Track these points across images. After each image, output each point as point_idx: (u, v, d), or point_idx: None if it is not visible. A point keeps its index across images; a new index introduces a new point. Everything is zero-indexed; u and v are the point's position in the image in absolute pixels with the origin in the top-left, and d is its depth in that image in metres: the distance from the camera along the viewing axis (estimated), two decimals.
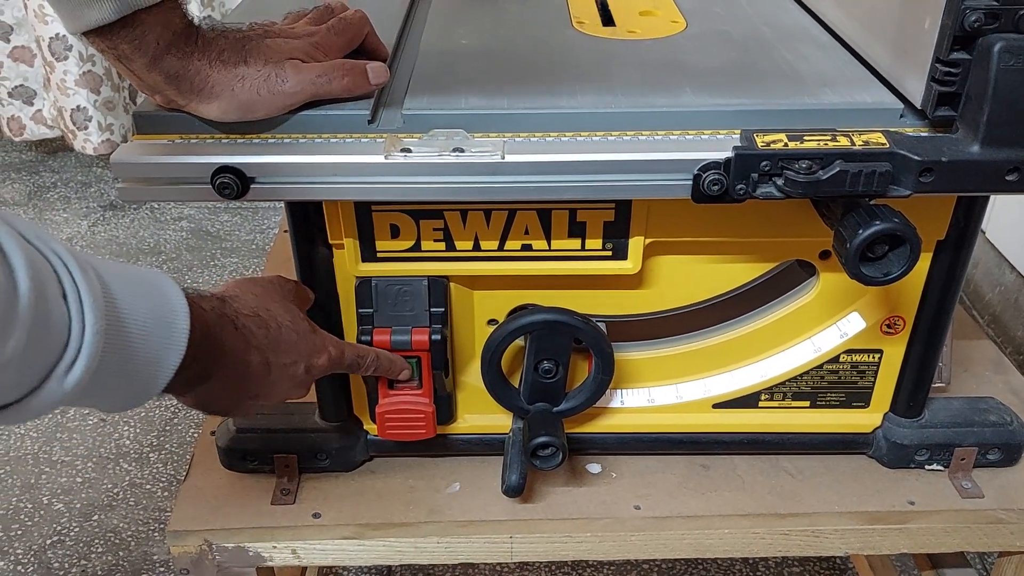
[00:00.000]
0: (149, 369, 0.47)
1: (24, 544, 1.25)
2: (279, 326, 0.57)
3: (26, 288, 0.38)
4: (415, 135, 0.57)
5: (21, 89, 2.14)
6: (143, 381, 0.47)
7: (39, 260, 0.40)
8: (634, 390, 0.71)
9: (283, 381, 0.57)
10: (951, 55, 0.53)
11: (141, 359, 0.46)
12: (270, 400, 0.58)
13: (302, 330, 0.59)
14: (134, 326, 0.45)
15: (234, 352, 0.53)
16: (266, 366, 0.56)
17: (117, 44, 0.52)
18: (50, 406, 0.42)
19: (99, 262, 0.45)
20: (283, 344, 0.57)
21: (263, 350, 0.55)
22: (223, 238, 1.98)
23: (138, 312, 0.46)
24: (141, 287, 0.47)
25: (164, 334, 0.47)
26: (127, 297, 0.45)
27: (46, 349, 0.40)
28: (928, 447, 0.70)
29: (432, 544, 0.67)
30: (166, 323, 0.48)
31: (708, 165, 0.54)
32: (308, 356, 0.58)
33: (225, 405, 0.56)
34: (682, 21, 0.74)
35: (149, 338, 0.47)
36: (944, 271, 0.64)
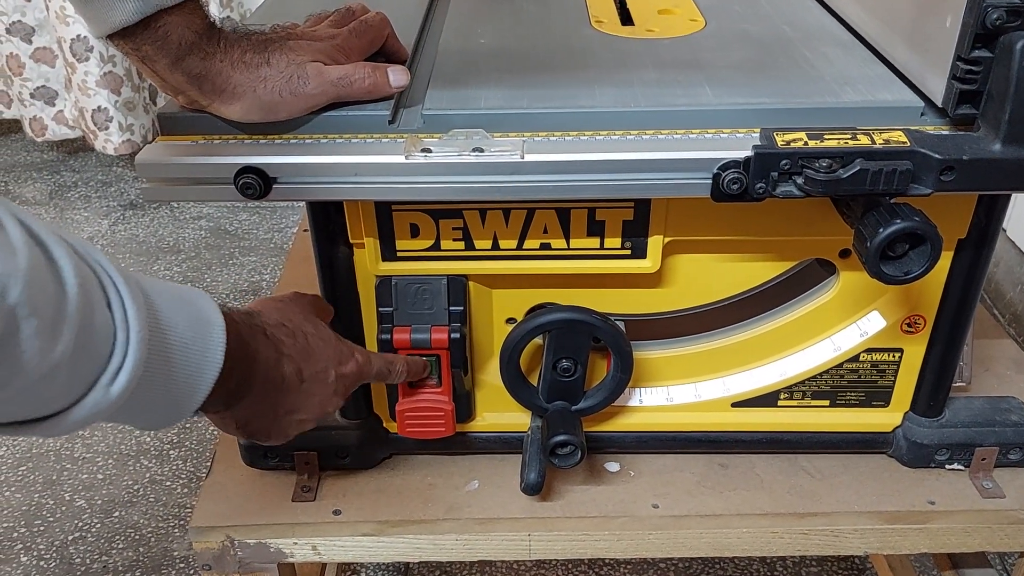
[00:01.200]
0: (190, 381, 0.47)
1: (46, 540, 1.26)
2: (305, 335, 0.57)
3: (74, 294, 0.39)
4: (435, 135, 0.57)
5: (43, 90, 2.17)
6: (183, 393, 0.48)
7: (85, 269, 0.41)
8: (653, 389, 0.71)
9: (317, 390, 0.57)
10: (972, 53, 0.53)
11: (181, 370, 0.47)
12: (308, 414, 0.58)
13: (327, 337, 0.59)
14: (174, 337, 0.46)
15: (267, 362, 0.54)
16: (299, 375, 0.56)
17: (140, 46, 0.53)
18: (94, 416, 0.42)
19: (140, 275, 0.46)
20: (312, 352, 0.57)
21: (294, 359, 0.56)
22: (242, 237, 2.00)
23: (178, 323, 0.46)
24: (179, 300, 0.48)
25: (202, 345, 0.48)
26: (167, 309, 0.46)
27: (93, 355, 0.41)
28: (948, 447, 0.70)
29: (451, 541, 0.68)
30: (203, 334, 0.48)
31: (728, 164, 0.54)
32: (337, 362, 0.59)
33: (265, 424, 0.56)
34: (701, 20, 0.74)
35: (188, 349, 0.47)
36: (965, 270, 0.63)
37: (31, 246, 0.38)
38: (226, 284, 1.83)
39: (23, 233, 0.38)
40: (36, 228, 0.39)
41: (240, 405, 0.53)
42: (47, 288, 0.38)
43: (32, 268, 0.37)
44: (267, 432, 0.57)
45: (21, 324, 0.36)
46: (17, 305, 0.35)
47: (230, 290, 1.81)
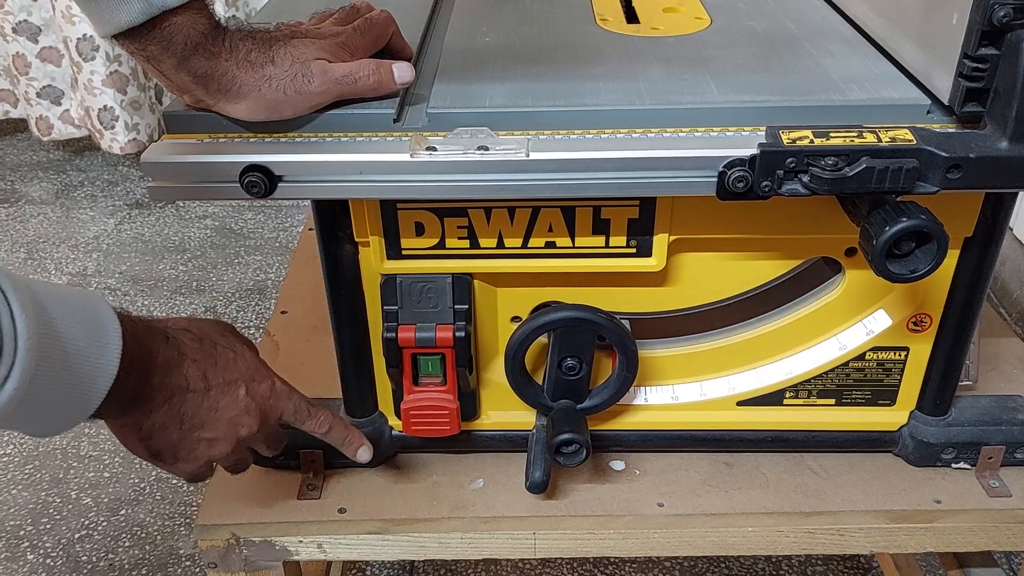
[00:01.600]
0: (84, 384, 0.47)
1: (53, 538, 1.26)
2: (214, 344, 0.56)
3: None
4: (440, 133, 0.57)
5: (49, 89, 2.17)
6: (78, 396, 0.47)
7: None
8: (658, 387, 0.71)
9: (225, 405, 0.56)
10: (979, 50, 0.52)
11: (75, 373, 0.46)
12: (216, 432, 0.56)
13: (241, 352, 0.58)
14: (68, 341, 0.46)
15: (167, 363, 0.53)
16: (204, 380, 0.54)
17: (146, 46, 0.53)
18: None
19: (33, 281, 0.46)
20: (219, 360, 0.56)
21: (199, 363, 0.54)
22: (247, 236, 2.00)
23: (71, 327, 0.46)
24: (74, 305, 0.47)
25: (97, 350, 0.47)
26: (60, 313, 0.46)
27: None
28: (955, 445, 0.70)
29: (456, 540, 0.68)
30: (99, 338, 0.47)
31: (733, 162, 0.54)
32: (249, 378, 0.57)
33: (170, 438, 0.55)
34: (706, 17, 0.74)
35: (82, 354, 0.46)
36: (971, 268, 0.63)
37: None
38: (231, 283, 1.83)
39: None
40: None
41: (139, 411, 0.52)
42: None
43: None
44: (173, 449, 0.55)
45: None
46: None
47: (235, 289, 1.81)
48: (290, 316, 0.90)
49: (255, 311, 1.75)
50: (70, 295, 0.48)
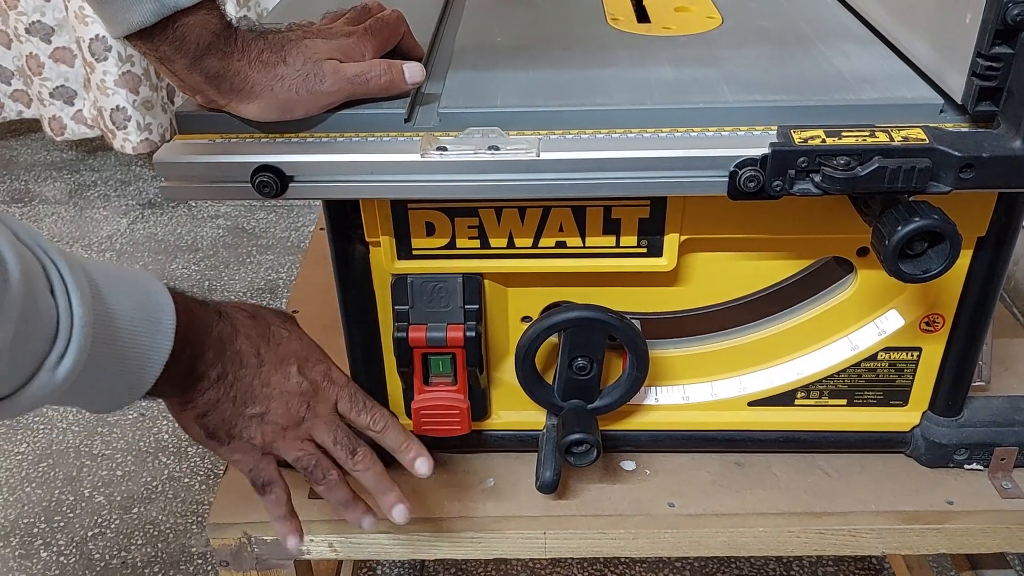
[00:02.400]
0: (140, 360, 0.48)
1: (66, 535, 1.27)
2: (268, 323, 0.57)
3: (16, 281, 0.39)
4: (451, 133, 0.58)
5: (62, 89, 2.18)
6: (134, 373, 0.48)
7: (28, 256, 0.41)
8: (669, 387, 0.70)
9: (277, 383, 0.55)
10: (992, 49, 0.52)
11: (131, 351, 0.47)
12: (268, 410, 0.55)
13: (295, 333, 0.58)
14: (122, 319, 0.46)
15: (221, 335, 0.53)
16: (257, 356, 0.55)
17: (158, 46, 0.53)
18: (43, 399, 0.43)
19: (87, 261, 0.46)
20: (273, 337, 0.56)
21: (253, 339, 0.55)
22: (259, 235, 2.00)
23: (126, 306, 0.47)
24: (127, 283, 0.48)
25: (152, 326, 0.48)
26: (114, 292, 0.46)
27: (36, 340, 0.41)
28: (967, 446, 0.70)
29: (466, 539, 0.68)
30: (153, 315, 0.48)
31: (744, 162, 0.54)
32: (303, 358, 0.57)
33: (224, 415, 0.55)
34: (718, 17, 0.74)
35: (137, 331, 0.47)
36: (985, 268, 0.63)
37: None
38: (243, 282, 1.84)
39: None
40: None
41: (194, 389, 0.53)
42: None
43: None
44: (226, 426, 0.55)
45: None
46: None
47: (247, 288, 1.82)
48: (301, 316, 0.89)
49: None
50: (123, 273, 0.49)
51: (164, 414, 1.49)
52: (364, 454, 0.59)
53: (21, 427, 1.47)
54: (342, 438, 0.59)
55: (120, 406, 0.49)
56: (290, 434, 0.57)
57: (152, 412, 1.49)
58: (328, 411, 0.59)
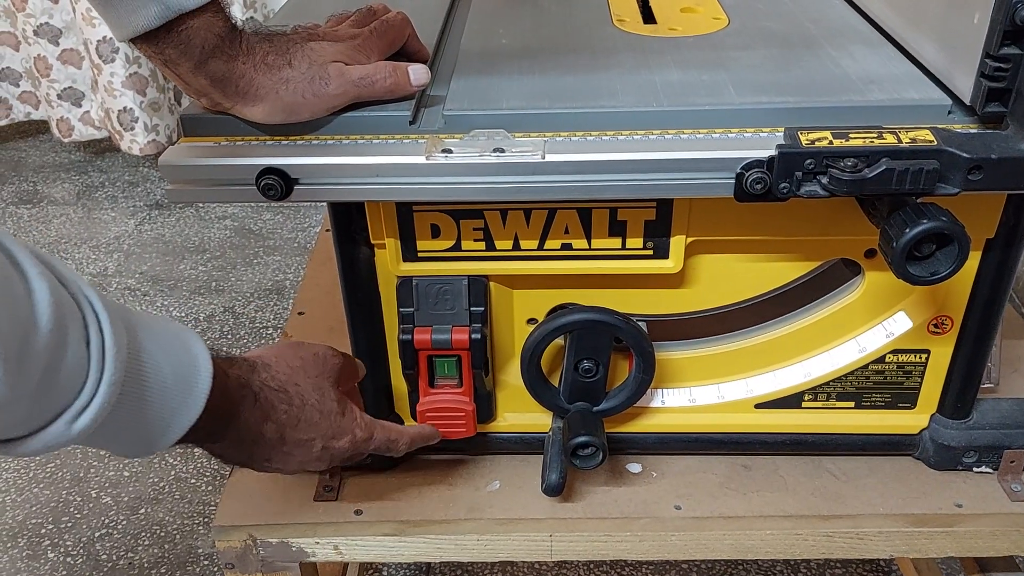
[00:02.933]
0: (160, 426, 0.47)
1: (73, 536, 1.28)
2: (303, 404, 0.57)
3: (46, 330, 0.39)
4: (456, 135, 0.57)
5: (69, 91, 2.19)
6: (152, 436, 0.48)
7: (68, 304, 0.41)
8: (675, 390, 0.70)
9: (297, 454, 0.58)
10: (1001, 50, 0.52)
11: (155, 416, 0.47)
12: (283, 467, 0.58)
13: (327, 410, 0.59)
14: (154, 381, 0.46)
15: (247, 423, 0.54)
16: (280, 439, 0.56)
17: (163, 49, 0.53)
18: (55, 447, 0.42)
19: (132, 312, 0.46)
20: (303, 422, 0.57)
21: (281, 425, 0.56)
22: (266, 236, 2.01)
23: (161, 368, 0.46)
24: (170, 343, 0.48)
25: (182, 394, 0.48)
26: (153, 351, 0.46)
27: (59, 391, 0.41)
28: (976, 449, 0.69)
29: (472, 542, 0.68)
30: (187, 384, 0.48)
31: (751, 164, 0.54)
32: (328, 437, 0.59)
33: (236, 462, 0.57)
34: (724, 18, 0.73)
35: (167, 396, 0.47)
36: (993, 270, 0.62)
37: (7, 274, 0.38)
38: (250, 283, 1.84)
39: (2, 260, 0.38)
40: (19, 256, 0.39)
41: (211, 445, 0.54)
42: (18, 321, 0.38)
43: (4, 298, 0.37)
44: (242, 465, 0.58)
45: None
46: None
47: (254, 289, 1.82)
48: (307, 317, 0.90)
49: (273, 311, 1.76)
50: (167, 329, 0.48)
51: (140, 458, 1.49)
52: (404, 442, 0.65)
53: None
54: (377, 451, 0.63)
55: (138, 457, 0.49)
56: None
57: None
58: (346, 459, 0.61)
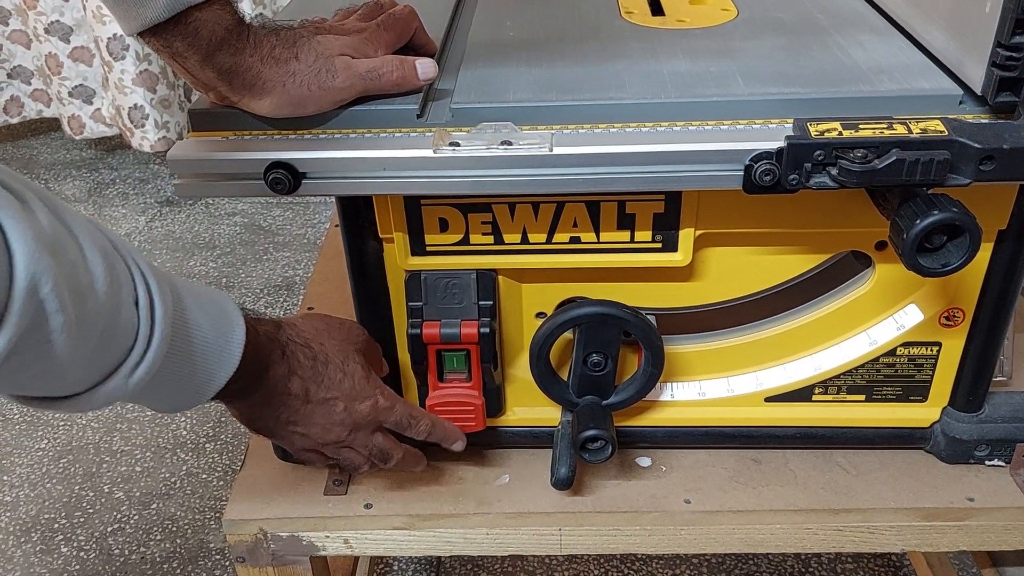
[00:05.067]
0: (203, 378, 0.52)
1: (86, 531, 1.28)
2: (327, 361, 0.60)
3: (103, 292, 0.42)
4: (463, 129, 0.57)
5: (81, 88, 2.20)
6: (196, 388, 0.52)
7: (120, 267, 0.45)
8: (684, 383, 0.70)
9: (320, 414, 0.59)
10: (1013, 39, 0.51)
11: (198, 368, 0.51)
12: (307, 430, 0.60)
13: (351, 372, 0.61)
14: (197, 337, 0.50)
15: (275, 376, 0.57)
16: (305, 394, 0.58)
17: (171, 42, 0.53)
18: (114, 399, 0.46)
19: (174, 276, 0.50)
20: (326, 379, 0.59)
21: (305, 379, 0.58)
22: (275, 232, 2.01)
23: (202, 325, 0.50)
24: (207, 304, 0.52)
25: (221, 349, 0.52)
26: (195, 309, 0.50)
27: (115, 348, 0.45)
28: (988, 442, 0.69)
29: (481, 535, 0.68)
30: (224, 340, 0.52)
31: (760, 155, 0.53)
32: (350, 397, 0.60)
33: (267, 425, 0.59)
34: (733, 9, 0.73)
35: (208, 349, 0.51)
36: (1006, 261, 0.62)
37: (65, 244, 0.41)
38: (260, 279, 1.85)
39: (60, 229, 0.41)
40: (74, 227, 0.42)
41: (244, 403, 0.57)
42: (76, 287, 0.41)
43: (64, 266, 0.40)
44: (270, 432, 0.61)
45: (49, 317, 0.39)
46: (46, 299, 0.38)
47: (264, 285, 1.83)
48: (317, 312, 0.90)
49: (283, 307, 1.77)
50: (205, 291, 0.53)
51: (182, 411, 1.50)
52: (395, 461, 0.65)
53: (42, 424, 1.49)
54: (376, 452, 0.64)
55: (181, 410, 0.53)
56: (328, 448, 0.63)
57: None
58: (366, 436, 0.63)
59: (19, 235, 0.37)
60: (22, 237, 0.37)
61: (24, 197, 0.40)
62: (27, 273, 0.37)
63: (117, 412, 1.50)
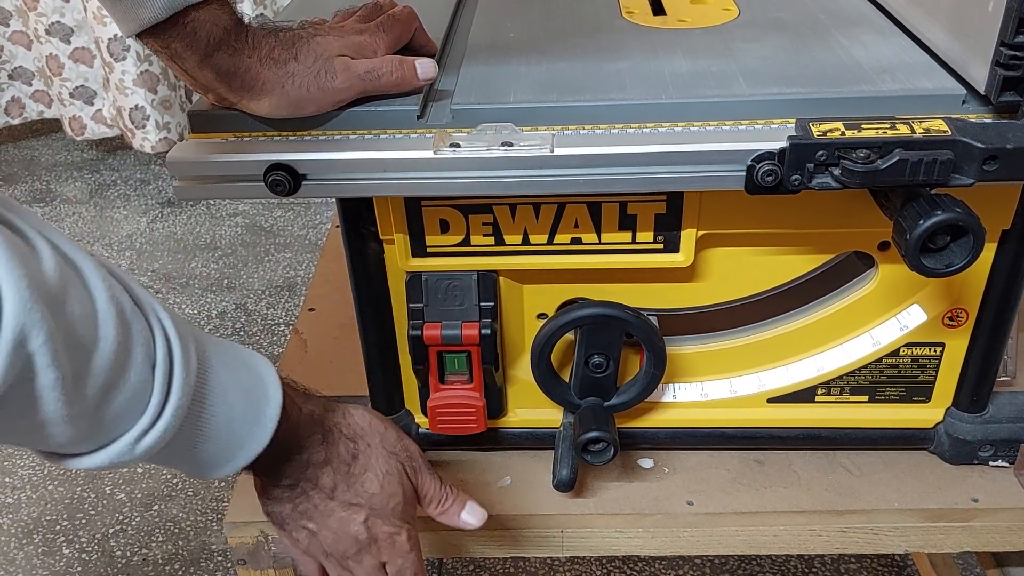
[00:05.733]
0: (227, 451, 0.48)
1: (88, 533, 1.28)
2: (367, 467, 0.55)
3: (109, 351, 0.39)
4: (464, 130, 0.57)
5: (82, 89, 2.20)
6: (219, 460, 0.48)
7: (138, 325, 0.42)
8: (687, 384, 0.70)
9: (338, 518, 0.55)
10: (1016, 38, 0.51)
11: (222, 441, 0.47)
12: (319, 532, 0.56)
13: (387, 487, 0.56)
14: (222, 409, 0.46)
15: (309, 461, 0.53)
16: (332, 490, 0.54)
17: (169, 43, 0.53)
18: (120, 464, 0.43)
19: (207, 338, 0.46)
20: (359, 483, 0.55)
21: (339, 475, 0.54)
22: (276, 233, 2.01)
23: (229, 396, 0.47)
24: (241, 371, 0.48)
25: (251, 424, 0.48)
26: (223, 378, 0.46)
27: (122, 411, 0.42)
28: (992, 443, 0.68)
29: (483, 537, 0.68)
30: (255, 414, 0.48)
31: (762, 156, 0.53)
32: (376, 511, 0.56)
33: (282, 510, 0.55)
34: (734, 8, 0.73)
35: (234, 424, 0.47)
36: (1009, 261, 0.62)
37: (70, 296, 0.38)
38: (261, 280, 1.85)
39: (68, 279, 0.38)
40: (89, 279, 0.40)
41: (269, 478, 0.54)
42: (77, 342, 0.38)
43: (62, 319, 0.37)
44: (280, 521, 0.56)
45: (39, 372, 0.36)
46: (35, 353, 0.36)
47: (265, 286, 1.83)
48: (318, 313, 0.90)
49: (285, 308, 1.77)
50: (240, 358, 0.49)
51: None
52: None
53: None
54: None
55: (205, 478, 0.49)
56: (330, 562, 0.57)
57: None
58: (373, 565, 0.57)
59: (11, 283, 0.35)
60: (15, 285, 0.35)
61: (33, 242, 0.38)
62: (16, 324, 0.35)
63: None
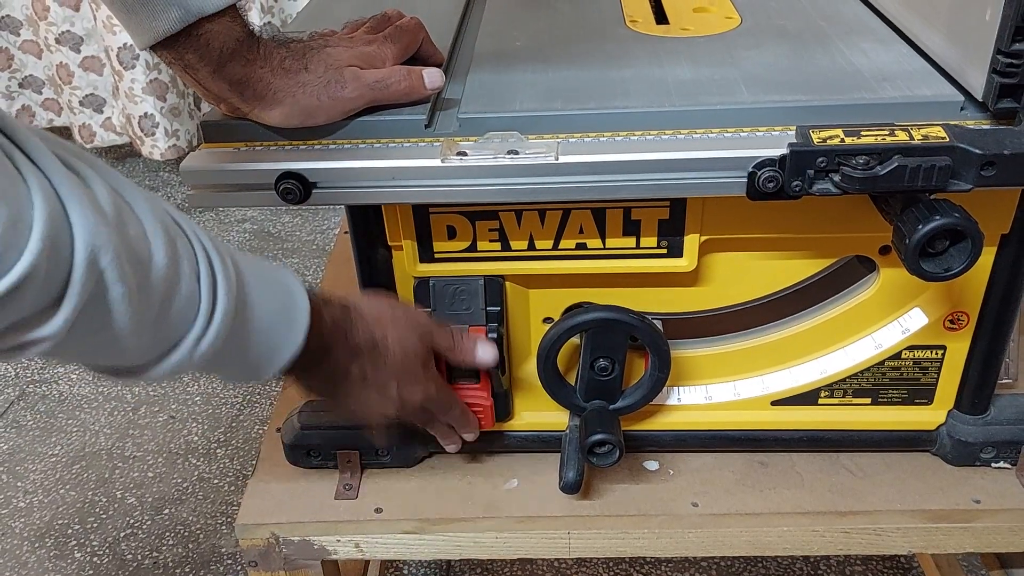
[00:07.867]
0: (265, 356, 0.53)
1: (99, 536, 1.30)
2: (387, 349, 0.60)
3: (162, 265, 0.43)
4: (471, 138, 0.58)
5: (91, 98, 2.22)
6: (257, 365, 0.53)
7: (182, 242, 0.46)
8: (691, 387, 0.71)
9: (375, 394, 0.61)
10: (1013, 46, 0.52)
11: (261, 347, 0.52)
12: (361, 406, 0.61)
13: (410, 354, 0.61)
14: (258, 317, 0.51)
15: (336, 359, 0.58)
16: (363, 376, 0.59)
17: (183, 54, 0.54)
18: (181, 371, 0.48)
19: (237, 253, 0.51)
20: (384, 365, 0.60)
21: (363, 364, 0.59)
22: (284, 239, 2.02)
23: (266, 300, 0.51)
24: (272, 284, 0.53)
25: (284, 331, 0.53)
26: (258, 287, 0.51)
27: (177, 320, 0.46)
28: (994, 444, 0.69)
29: (491, 539, 0.68)
30: (287, 322, 0.53)
31: (763, 162, 0.54)
32: (404, 381, 0.61)
33: (324, 394, 0.61)
34: (736, 17, 0.74)
35: (270, 331, 0.52)
36: (1009, 265, 0.62)
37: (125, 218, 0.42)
38: None
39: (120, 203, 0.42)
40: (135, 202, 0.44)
41: (303, 376, 0.58)
42: (137, 258, 0.42)
43: (123, 237, 0.41)
44: (327, 399, 0.62)
45: (110, 287, 0.40)
46: (106, 270, 0.40)
47: None
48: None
49: None
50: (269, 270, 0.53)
51: (194, 416, 1.51)
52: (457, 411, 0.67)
53: (55, 430, 1.50)
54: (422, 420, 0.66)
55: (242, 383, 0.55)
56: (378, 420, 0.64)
57: (182, 415, 1.51)
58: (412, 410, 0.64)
59: (78, 208, 0.38)
60: (81, 210, 0.38)
61: (84, 174, 0.41)
62: (87, 244, 0.38)
63: (129, 418, 1.51)
